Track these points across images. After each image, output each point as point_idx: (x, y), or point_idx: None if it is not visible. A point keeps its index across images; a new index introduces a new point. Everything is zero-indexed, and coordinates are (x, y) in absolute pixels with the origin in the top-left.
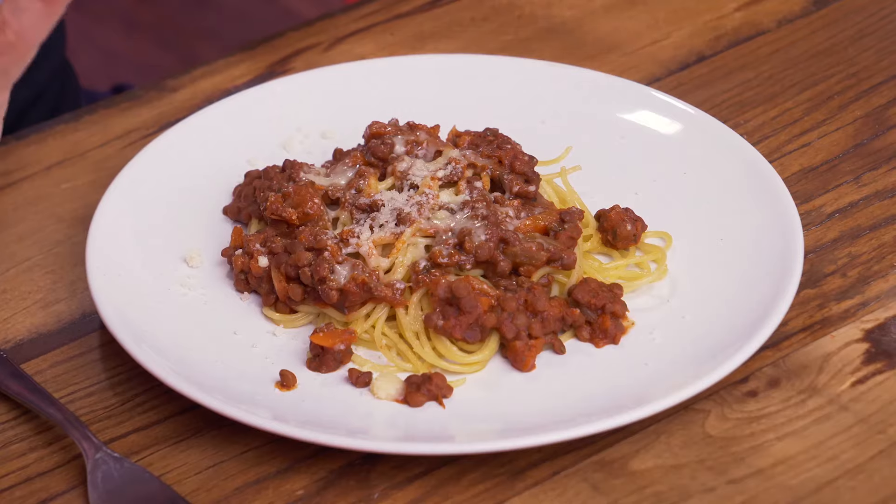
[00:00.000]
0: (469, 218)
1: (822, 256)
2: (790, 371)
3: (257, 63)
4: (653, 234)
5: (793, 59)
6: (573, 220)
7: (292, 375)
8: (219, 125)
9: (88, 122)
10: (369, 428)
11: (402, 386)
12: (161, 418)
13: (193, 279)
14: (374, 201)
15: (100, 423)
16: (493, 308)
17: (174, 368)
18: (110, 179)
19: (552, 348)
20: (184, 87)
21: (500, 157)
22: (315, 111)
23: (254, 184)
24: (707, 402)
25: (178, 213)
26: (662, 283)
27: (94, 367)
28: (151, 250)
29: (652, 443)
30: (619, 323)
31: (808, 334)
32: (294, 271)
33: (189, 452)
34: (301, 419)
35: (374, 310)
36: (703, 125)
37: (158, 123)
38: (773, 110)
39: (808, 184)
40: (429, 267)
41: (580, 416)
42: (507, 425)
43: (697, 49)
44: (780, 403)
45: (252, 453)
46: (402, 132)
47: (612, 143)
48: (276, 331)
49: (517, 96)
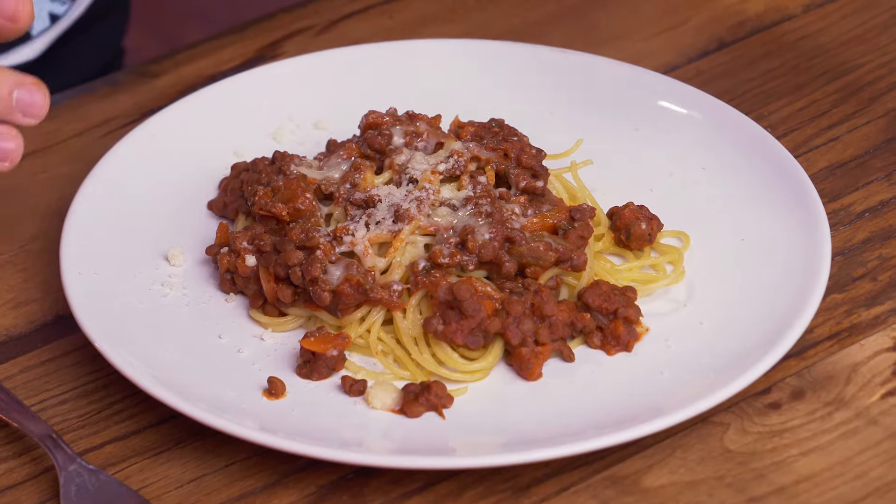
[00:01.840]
0: (472, 215)
1: (850, 259)
2: (815, 382)
3: (246, 47)
4: (669, 234)
5: (821, 46)
6: (584, 218)
7: (281, 383)
8: (204, 113)
9: (65, 108)
10: (363, 440)
11: (398, 395)
12: (139, 428)
13: (175, 279)
14: (370, 196)
15: (74, 432)
16: (497, 312)
17: (154, 374)
18: (88, 170)
19: (560, 356)
20: (166, 72)
21: (506, 150)
22: (307, 99)
23: (241, 177)
24: (726, 414)
25: (160, 208)
26: (679, 287)
27: (68, 373)
28: (131, 247)
29: (667, 458)
30: (633, 329)
31: (835, 342)
32: (284, 271)
33: (169, 465)
34: (290, 430)
35: (370, 313)
36: (723, 117)
37: (139, 111)
38: (799, 102)
39: (836, 181)
40: (428, 267)
41: (590, 429)
42: (512, 438)
43: (718, 35)
44: (805, 416)
45: (237, 466)
46: (401, 122)
47: (626, 135)
48: (263, 335)
49: (524, 85)
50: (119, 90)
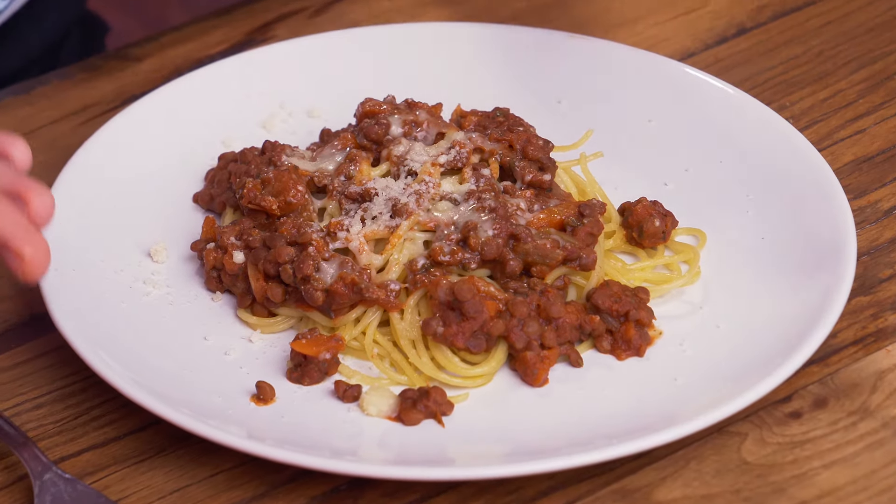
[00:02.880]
0: (474, 210)
1: (877, 259)
2: (839, 390)
3: (235, 29)
4: (684, 232)
5: (847, 32)
6: (593, 214)
7: (270, 388)
8: (189, 100)
9: (40, 94)
10: (357, 449)
11: (395, 401)
12: (119, 435)
13: (158, 276)
14: (366, 190)
15: (49, 439)
16: (500, 313)
17: (135, 378)
18: (64, 161)
19: (568, 360)
20: (149, 55)
21: (511, 141)
22: (300, 85)
23: (229, 168)
24: (744, 423)
25: (142, 201)
26: (694, 288)
27: (43, 376)
28: (111, 243)
29: (680, 470)
30: (645, 332)
31: (860, 348)
32: (274, 269)
33: (151, 474)
34: (280, 438)
35: (365, 314)
36: (743, 107)
37: (120, 97)
38: (823, 91)
39: (862, 176)
40: (428, 265)
41: (599, 439)
42: (515, 448)
43: (738, 20)
44: (828, 427)
45: (223, 476)
46: (400, 111)
47: (639, 126)
48: (252, 336)
49: (531, 72)
50: (98, 75)
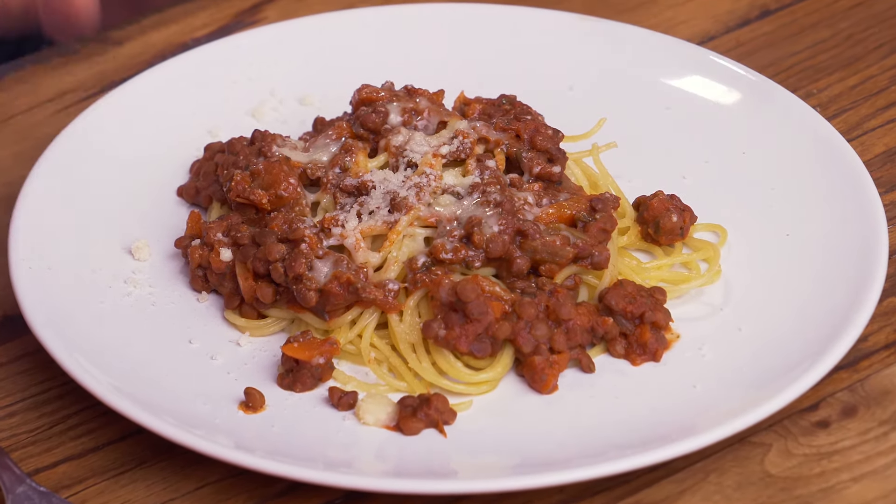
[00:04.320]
0: (479, 204)
1: None
2: (869, 397)
3: (221, 11)
4: (703, 228)
5: (877, 14)
6: (606, 208)
7: (260, 395)
8: (173, 87)
9: (13, 80)
10: (353, 460)
11: (393, 409)
12: (98, 445)
13: (140, 275)
14: (362, 182)
15: (23, 449)
16: (506, 315)
17: (115, 384)
18: (40, 151)
19: (578, 365)
20: (131, 39)
21: (518, 131)
22: (291, 71)
23: (215, 159)
24: (767, 433)
25: (123, 195)
26: (714, 288)
27: (16, 382)
28: (89, 239)
29: (699, 483)
30: (662, 336)
31: (891, 353)
32: (263, 267)
33: (132, 487)
34: (270, 448)
35: (362, 315)
36: (766, 94)
37: (99, 84)
38: (852, 77)
39: (894, 168)
40: (429, 264)
41: (612, 450)
42: (522, 459)
43: (761, 1)
44: (857, 437)
45: (209, 489)
46: (399, 98)
47: (656, 114)
48: (240, 340)
49: (540, 56)
50: (75, 60)
